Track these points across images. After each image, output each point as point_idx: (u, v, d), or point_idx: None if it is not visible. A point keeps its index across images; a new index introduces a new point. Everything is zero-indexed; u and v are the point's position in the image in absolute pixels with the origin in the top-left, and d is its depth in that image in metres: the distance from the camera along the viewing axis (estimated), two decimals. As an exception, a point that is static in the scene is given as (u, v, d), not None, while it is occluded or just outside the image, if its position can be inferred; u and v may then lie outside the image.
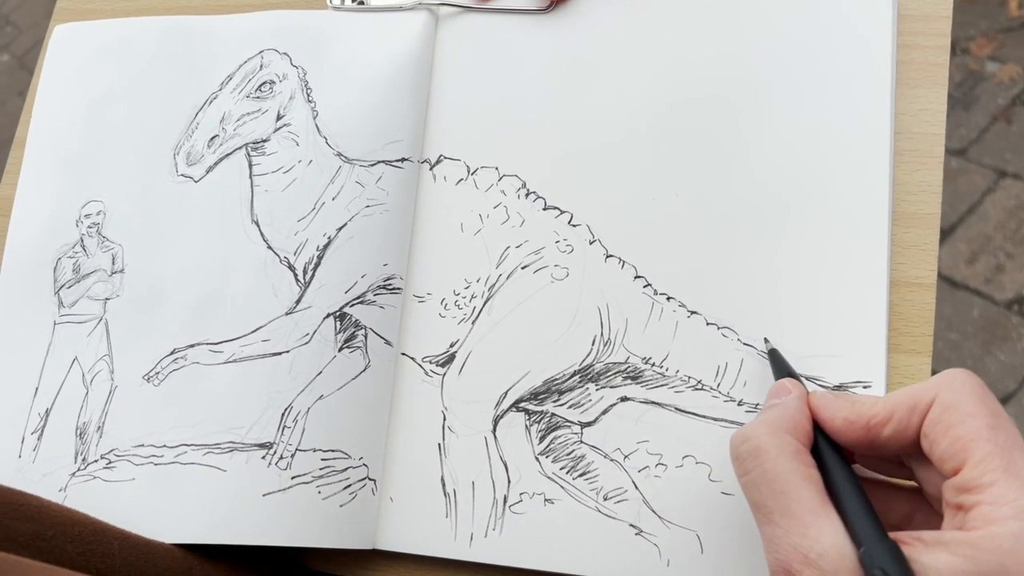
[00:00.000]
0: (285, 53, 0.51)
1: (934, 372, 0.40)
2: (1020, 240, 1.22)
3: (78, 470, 0.46)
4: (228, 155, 0.49)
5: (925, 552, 0.28)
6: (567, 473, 0.43)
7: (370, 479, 0.43)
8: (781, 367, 0.39)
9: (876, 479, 0.36)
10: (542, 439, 0.43)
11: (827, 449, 0.34)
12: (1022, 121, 1.32)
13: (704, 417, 0.42)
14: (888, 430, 0.32)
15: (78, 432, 0.46)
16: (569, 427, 0.43)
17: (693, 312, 0.43)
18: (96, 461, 0.45)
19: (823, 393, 0.35)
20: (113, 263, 0.49)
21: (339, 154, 0.48)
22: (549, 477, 0.43)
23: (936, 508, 0.32)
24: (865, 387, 0.40)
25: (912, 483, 0.35)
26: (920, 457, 0.32)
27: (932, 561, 0.28)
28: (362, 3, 0.52)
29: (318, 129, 0.48)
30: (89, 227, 0.50)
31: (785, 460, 0.31)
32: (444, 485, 0.44)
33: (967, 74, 1.37)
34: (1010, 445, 0.29)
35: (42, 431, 0.47)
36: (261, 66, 0.51)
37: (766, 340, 0.41)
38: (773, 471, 0.31)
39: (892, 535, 0.29)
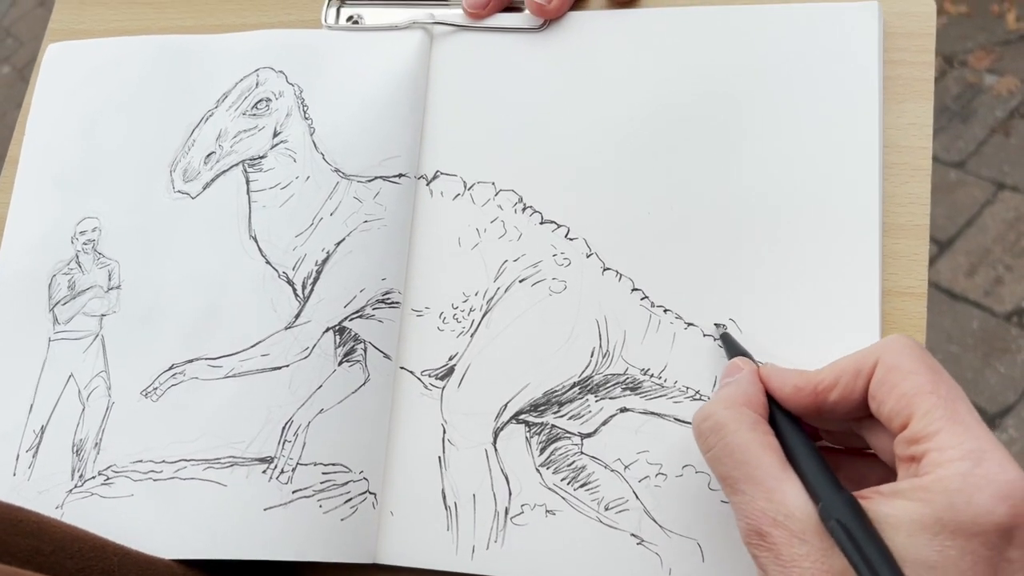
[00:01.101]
0: (281, 71, 0.51)
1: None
2: (1019, 252, 1.24)
3: (75, 487, 0.45)
4: (225, 172, 0.50)
5: (883, 503, 0.30)
6: (568, 484, 0.43)
7: (370, 493, 0.43)
8: (733, 348, 0.41)
9: (835, 448, 0.39)
10: (542, 451, 0.44)
11: (782, 417, 0.36)
12: (1020, 133, 1.35)
13: (703, 426, 0.42)
14: (835, 395, 0.34)
15: (75, 449, 0.46)
16: (569, 438, 0.44)
17: (690, 324, 0.44)
18: (94, 478, 0.45)
19: (772, 365, 0.38)
20: (109, 279, 0.49)
21: (336, 170, 0.48)
22: (550, 488, 0.43)
23: (892, 468, 0.34)
24: (860, 395, 0.41)
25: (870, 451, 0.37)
26: (869, 422, 0.35)
27: (890, 509, 0.29)
28: (356, 22, 0.53)
29: (315, 145, 0.49)
30: (85, 244, 0.50)
31: (744, 431, 0.33)
32: (445, 498, 0.44)
33: (965, 87, 1.40)
34: (952, 396, 0.31)
35: (37, 448, 0.47)
36: (257, 84, 0.51)
37: (716, 325, 0.43)
38: (734, 443, 0.33)
39: (853, 493, 0.31)
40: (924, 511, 0.29)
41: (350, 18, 0.53)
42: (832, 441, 0.39)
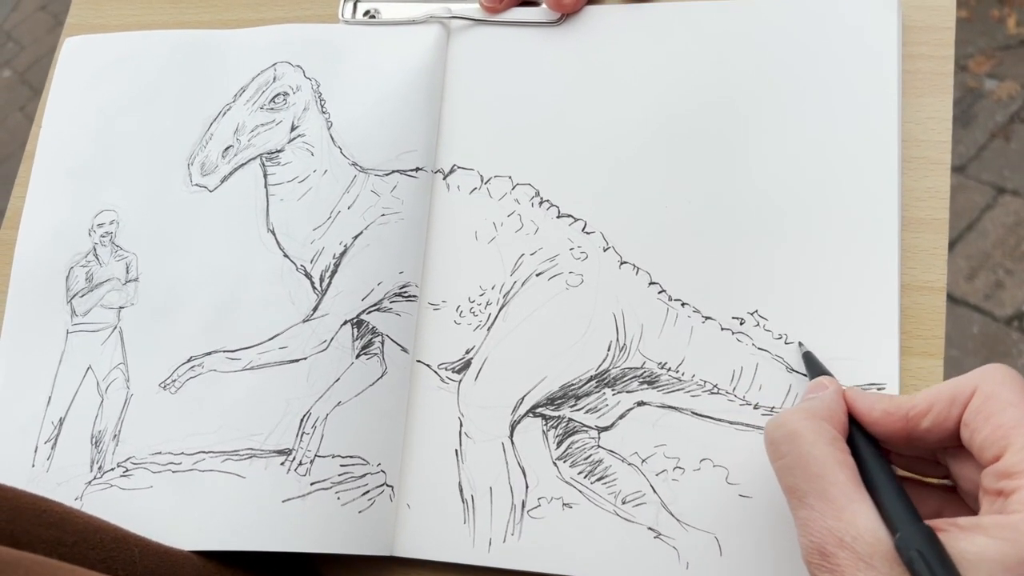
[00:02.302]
0: (298, 66, 0.51)
1: (945, 378, 0.41)
2: (1019, 256, 1.23)
3: (94, 478, 0.45)
4: (243, 165, 0.50)
5: (962, 537, 0.28)
6: (585, 477, 0.43)
7: (388, 485, 0.43)
8: (815, 368, 0.40)
9: (907, 476, 0.37)
10: (559, 444, 0.44)
11: (862, 440, 0.34)
12: (1021, 138, 1.34)
13: (720, 421, 0.42)
14: (927, 421, 0.33)
15: (93, 440, 0.46)
16: (586, 432, 0.44)
17: (708, 317, 0.44)
18: (113, 469, 0.45)
19: (858, 389, 0.36)
20: (127, 272, 0.49)
21: (354, 164, 0.48)
22: (567, 482, 0.43)
23: (970, 503, 0.33)
24: (879, 389, 0.41)
25: (943, 481, 0.35)
26: (956, 451, 0.33)
27: (969, 545, 0.28)
28: (373, 17, 0.53)
29: (332, 139, 0.49)
30: (102, 236, 0.50)
31: (822, 445, 0.32)
32: (462, 491, 0.44)
33: (966, 91, 1.39)
34: None
35: (56, 440, 0.47)
36: (274, 78, 0.51)
37: (800, 344, 0.42)
38: (809, 455, 0.32)
39: (927, 522, 0.30)
40: (1007, 551, 0.27)
41: (367, 13, 0.53)
42: (901, 467, 0.37)
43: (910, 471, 0.37)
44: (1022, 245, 1.24)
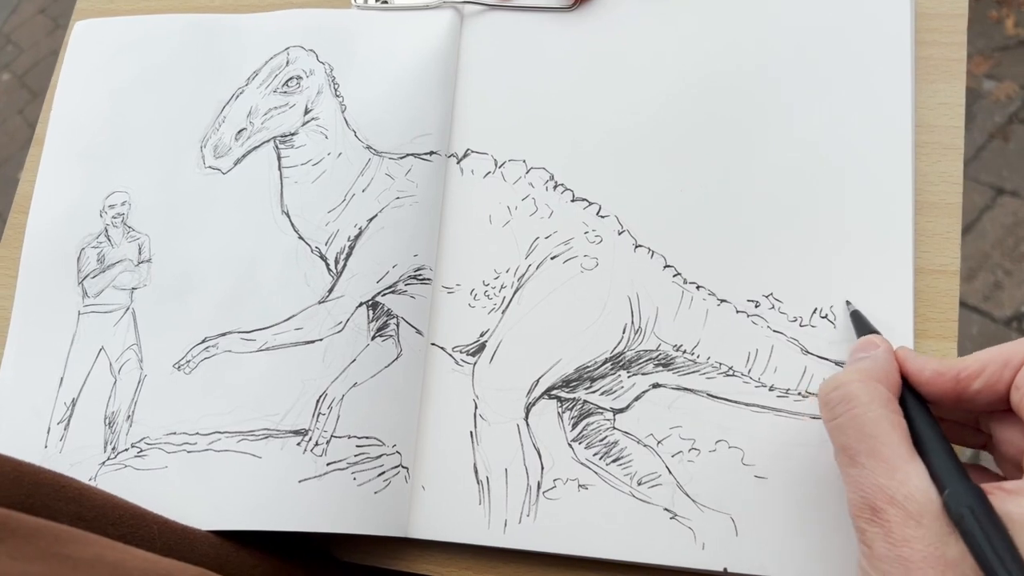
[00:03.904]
0: (311, 50, 0.51)
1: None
2: (1018, 257, 1.24)
3: (108, 459, 0.45)
4: (256, 148, 0.50)
5: (1007, 499, 0.29)
6: (600, 459, 0.43)
7: (403, 467, 0.43)
8: (864, 326, 0.40)
9: None
10: (575, 426, 0.44)
11: (912, 400, 0.35)
12: (1019, 139, 1.35)
13: (736, 402, 0.42)
14: (979, 383, 0.33)
15: (107, 421, 0.46)
16: (601, 413, 0.44)
17: (723, 300, 0.44)
18: (127, 450, 0.45)
19: (908, 349, 0.36)
20: (140, 253, 0.49)
21: (368, 147, 0.48)
22: (582, 463, 0.43)
23: (1007, 470, 0.33)
24: (894, 371, 0.41)
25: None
26: (1002, 416, 0.34)
27: (1015, 507, 0.28)
28: (386, 2, 0.53)
29: (347, 123, 0.49)
30: (114, 217, 0.50)
31: (877, 406, 0.32)
32: (477, 472, 0.44)
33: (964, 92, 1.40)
34: None
35: (69, 421, 0.47)
36: (288, 62, 0.51)
37: (848, 303, 0.42)
38: (864, 416, 0.32)
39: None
40: None
41: (380, -2, 0.53)
42: (947, 432, 0.38)
43: (951, 439, 0.37)
44: (1021, 246, 1.24)
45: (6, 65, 2.16)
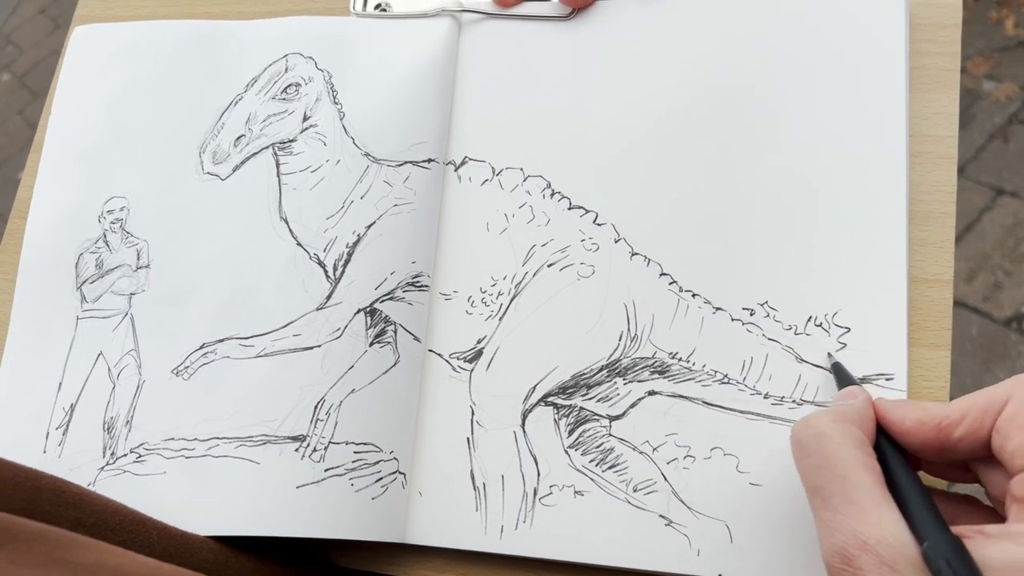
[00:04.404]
0: (310, 57, 0.52)
1: (952, 370, 0.42)
2: (1018, 258, 1.24)
3: (107, 464, 0.45)
4: (255, 154, 0.50)
5: (988, 544, 0.28)
6: (596, 466, 0.43)
7: (400, 473, 0.44)
8: (844, 378, 0.40)
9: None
10: (571, 432, 0.44)
11: (889, 448, 0.34)
12: (1019, 139, 1.35)
13: (731, 410, 0.43)
14: (960, 431, 0.33)
15: (106, 426, 0.46)
16: (597, 420, 0.44)
17: (718, 308, 0.44)
18: (126, 455, 0.45)
19: (887, 399, 0.36)
20: (138, 258, 0.49)
21: (367, 154, 0.48)
22: (579, 470, 0.43)
23: (998, 510, 0.33)
24: (888, 379, 0.41)
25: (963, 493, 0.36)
26: (986, 460, 0.33)
27: (997, 552, 0.28)
28: (384, 10, 0.53)
29: (345, 130, 0.49)
30: (112, 223, 0.50)
31: (849, 447, 0.32)
32: (474, 479, 0.44)
33: (964, 93, 1.40)
34: None
35: (67, 426, 0.47)
36: (286, 69, 0.52)
37: (829, 355, 0.42)
38: (836, 456, 0.32)
39: (953, 529, 0.30)
40: None
41: (378, 5, 0.53)
42: (930, 472, 0.37)
43: (938, 476, 0.37)
44: (1021, 246, 1.25)
45: (6, 65, 2.16)
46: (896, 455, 0.34)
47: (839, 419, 0.34)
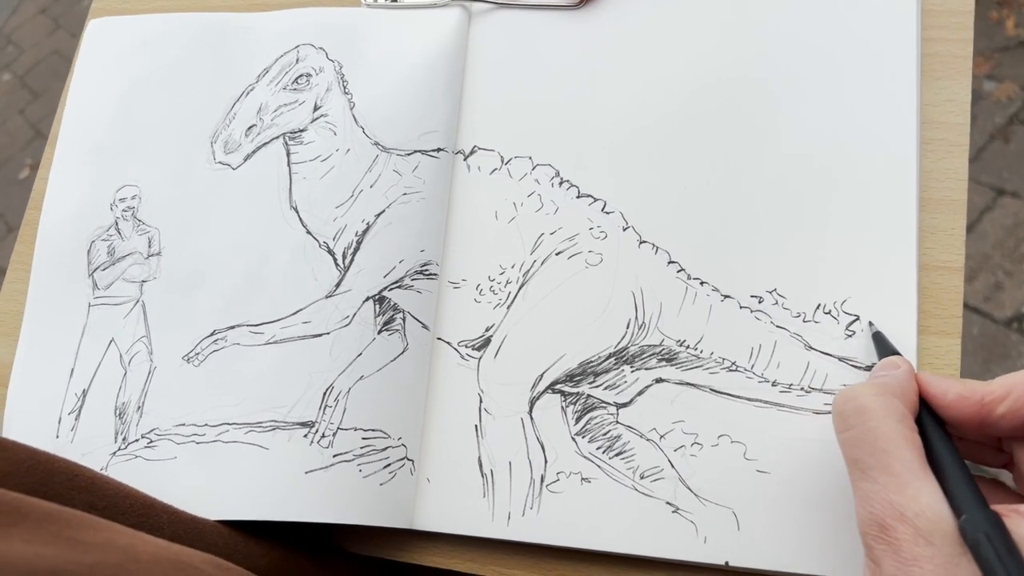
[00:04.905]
0: (321, 48, 0.52)
1: (962, 358, 0.41)
2: (1019, 258, 1.23)
3: (119, 449, 0.46)
4: (266, 144, 0.50)
5: (1023, 523, 0.28)
6: (603, 453, 0.43)
7: (408, 459, 0.44)
8: (885, 348, 0.40)
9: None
10: (578, 420, 0.44)
11: (930, 422, 0.34)
12: (1020, 139, 1.34)
13: (739, 397, 0.43)
14: (1004, 407, 0.32)
15: (117, 412, 0.47)
16: (605, 408, 0.44)
17: (726, 296, 0.44)
18: (137, 440, 0.46)
19: (931, 373, 0.36)
20: (150, 246, 0.50)
21: (376, 143, 0.49)
22: (586, 457, 0.43)
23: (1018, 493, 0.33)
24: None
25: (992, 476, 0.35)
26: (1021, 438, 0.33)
27: None
28: (395, 0, 0.53)
29: (355, 119, 0.49)
30: (124, 210, 0.51)
31: (891, 421, 0.32)
32: (481, 466, 0.44)
33: (964, 93, 1.39)
34: None
35: (79, 411, 0.48)
36: (297, 59, 0.52)
37: (870, 323, 0.42)
38: (877, 429, 0.32)
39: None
40: None
41: (388, -4, 0.53)
42: (962, 452, 0.37)
43: (970, 458, 0.37)
44: (1021, 247, 1.24)
45: (7, 65, 2.18)
46: (937, 429, 0.34)
47: (881, 392, 0.33)
